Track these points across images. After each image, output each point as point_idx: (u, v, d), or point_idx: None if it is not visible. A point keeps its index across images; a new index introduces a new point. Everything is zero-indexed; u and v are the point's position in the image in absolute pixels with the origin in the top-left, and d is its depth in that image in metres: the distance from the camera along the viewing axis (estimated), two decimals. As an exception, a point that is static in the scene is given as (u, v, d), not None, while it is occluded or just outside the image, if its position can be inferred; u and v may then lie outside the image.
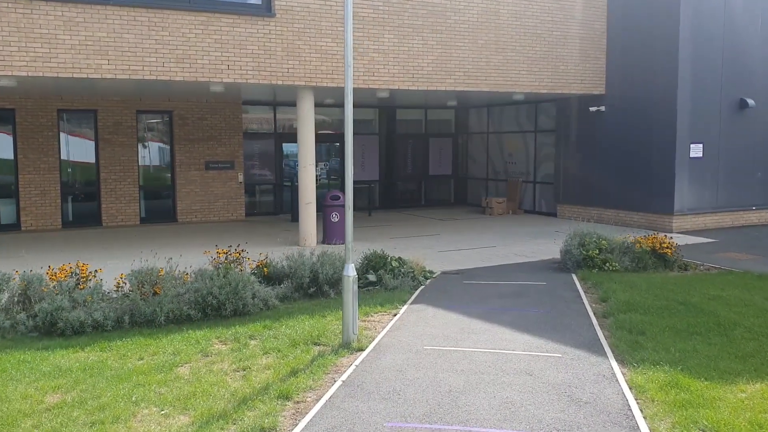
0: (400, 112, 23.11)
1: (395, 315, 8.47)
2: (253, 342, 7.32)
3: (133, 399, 5.70)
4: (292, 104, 18.82)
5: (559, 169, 19.47)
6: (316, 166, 22.02)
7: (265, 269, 9.75)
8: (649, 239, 11.94)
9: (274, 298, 8.93)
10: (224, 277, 8.57)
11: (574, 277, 11.00)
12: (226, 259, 9.65)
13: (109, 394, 5.80)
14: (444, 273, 11.54)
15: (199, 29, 13.06)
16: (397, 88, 14.95)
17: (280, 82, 13.81)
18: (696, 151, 16.48)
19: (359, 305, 8.69)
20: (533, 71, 16.52)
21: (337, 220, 14.95)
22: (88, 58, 12.22)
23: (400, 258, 11.05)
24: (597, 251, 11.54)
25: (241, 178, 19.52)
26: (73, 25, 12.06)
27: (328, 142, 21.92)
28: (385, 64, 14.72)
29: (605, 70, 17.69)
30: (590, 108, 18.14)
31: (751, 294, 9.62)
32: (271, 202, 20.97)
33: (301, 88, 14.35)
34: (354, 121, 22.96)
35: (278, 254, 10.76)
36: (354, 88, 14.73)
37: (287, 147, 20.99)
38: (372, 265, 10.68)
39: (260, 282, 9.57)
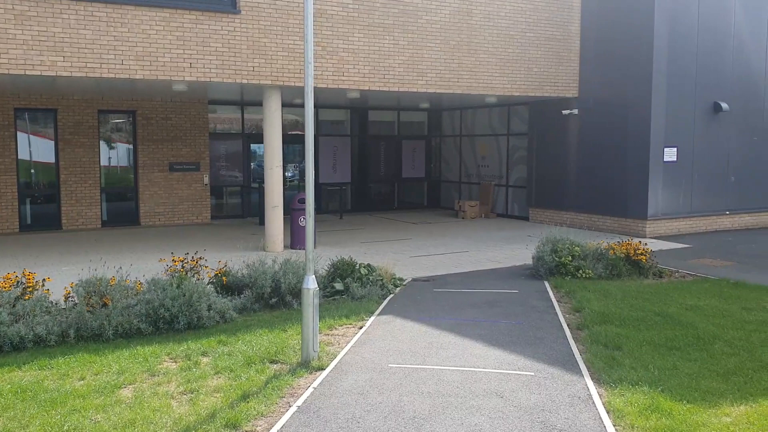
0: (372, 114, 22.68)
1: (361, 328, 8.00)
2: (205, 360, 6.81)
3: (65, 428, 5.16)
4: (261, 104, 18.30)
5: (531, 172, 19.19)
6: (288, 167, 21.66)
7: (223, 278, 9.23)
8: (623, 245, 11.64)
9: (232, 310, 8.41)
10: (178, 287, 8.05)
11: (547, 284, 10.66)
12: (182, 267, 9.12)
13: (38, 423, 5.25)
14: (414, 280, 11.15)
15: (161, 26, 12.51)
16: (367, 88, 14.51)
17: (245, 81, 13.30)
18: (670, 154, 16.27)
19: (323, 317, 8.25)
20: (506, 73, 16.19)
21: (305, 224, 14.44)
22: (42, 55, 11.60)
23: (369, 265, 10.62)
24: (570, 258, 11.21)
25: (206, 179, 18.93)
26: (25, 19, 11.44)
27: (301, 143, 21.41)
28: (355, 63, 14.27)
29: (578, 73, 17.43)
30: (563, 111, 17.86)
31: (728, 303, 9.34)
32: (239, 204, 20.40)
33: (268, 88, 13.86)
34: (325, 122, 22.48)
35: (241, 261, 10.23)
36: (323, 88, 14.40)
37: (256, 148, 20.45)
38: (339, 272, 10.23)
39: (219, 292, 9.09)
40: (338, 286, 9.81)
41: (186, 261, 9.27)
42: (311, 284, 6.47)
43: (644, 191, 16.08)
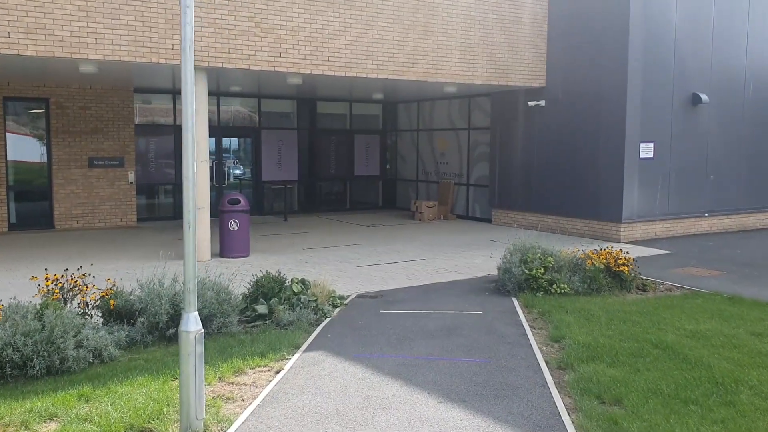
0: (321, 105, 20.76)
1: (278, 372, 6.07)
2: (47, 428, 4.84)
3: None
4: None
5: (494, 170, 17.49)
6: (237, 164, 19.88)
7: (111, 302, 7.23)
8: (602, 255, 9.97)
9: (113, 346, 6.42)
10: (36, 317, 6.06)
11: (516, 303, 8.95)
12: (58, 287, 7.12)
13: None
14: (359, 296, 9.35)
15: (58, -8, 10.44)
16: (309, 72, 12.61)
17: (162, 61, 11.30)
18: (646, 150, 14.72)
19: (232, 356, 6.36)
20: (467, 59, 14.44)
21: (236, 228, 12.55)
22: None
23: (303, 280, 8.73)
24: (542, 270, 9.51)
25: (131, 177, 16.78)
26: None
27: (250, 136, 19.53)
28: (294, 43, 12.37)
29: (546, 61, 15.78)
30: (529, 102, 16.21)
31: (733, 327, 7.74)
32: (170, 205, 18.27)
33: (190, 70, 11.84)
34: (268, 113, 20.31)
35: (147, 276, 8.15)
36: (259, 72, 12.41)
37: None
38: (264, 291, 8.32)
39: (107, 320, 7.13)
40: (261, 309, 7.91)
41: (63, 278, 7.26)
42: (192, 325, 4.52)
43: (619, 191, 14.50)
